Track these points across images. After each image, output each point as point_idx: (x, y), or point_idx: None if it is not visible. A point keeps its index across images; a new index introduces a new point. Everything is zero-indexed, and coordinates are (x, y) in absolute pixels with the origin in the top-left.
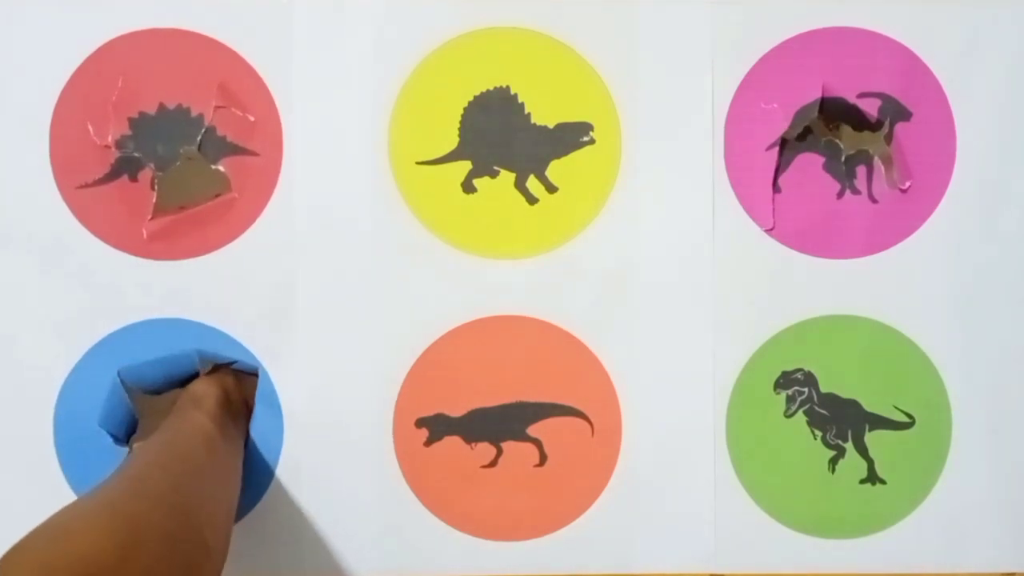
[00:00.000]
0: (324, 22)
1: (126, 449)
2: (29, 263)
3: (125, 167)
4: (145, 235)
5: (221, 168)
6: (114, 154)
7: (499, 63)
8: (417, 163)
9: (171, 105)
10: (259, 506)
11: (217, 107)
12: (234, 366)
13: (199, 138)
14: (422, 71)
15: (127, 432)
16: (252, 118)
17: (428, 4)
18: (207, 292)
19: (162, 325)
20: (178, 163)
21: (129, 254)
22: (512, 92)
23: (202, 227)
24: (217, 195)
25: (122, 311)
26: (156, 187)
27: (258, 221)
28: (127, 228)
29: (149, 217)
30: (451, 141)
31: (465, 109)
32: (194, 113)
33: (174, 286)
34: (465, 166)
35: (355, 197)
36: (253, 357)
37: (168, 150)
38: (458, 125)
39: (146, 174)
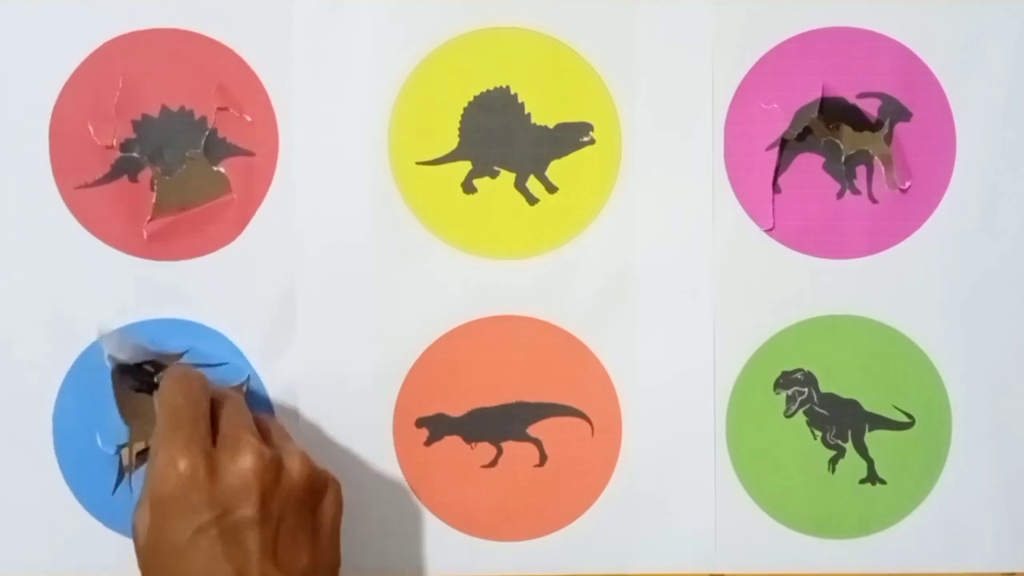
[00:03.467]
0: (324, 22)
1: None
2: (28, 262)
3: (125, 167)
4: (145, 235)
5: (222, 170)
6: (115, 154)
7: (499, 63)
8: (417, 163)
9: (174, 107)
10: None
11: (219, 109)
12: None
13: (203, 141)
14: (422, 71)
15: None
16: (249, 118)
17: (428, 4)
18: (204, 293)
19: (156, 325)
20: (184, 166)
21: (127, 254)
22: (512, 92)
23: (200, 228)
24: (217, 196)
25: (119, 311)
26: (156, 188)
27: (252, 222)
28: (126, 228)
29: (148, 218)
30: (451, 141)
31: (465, 109)
32: (197, 116)
33: (171, 287)
34: (465, 166)
35: (355, 197)
36: (244, 359)
37: (173, 154)
38: (458, 125)
39: (146, 174)
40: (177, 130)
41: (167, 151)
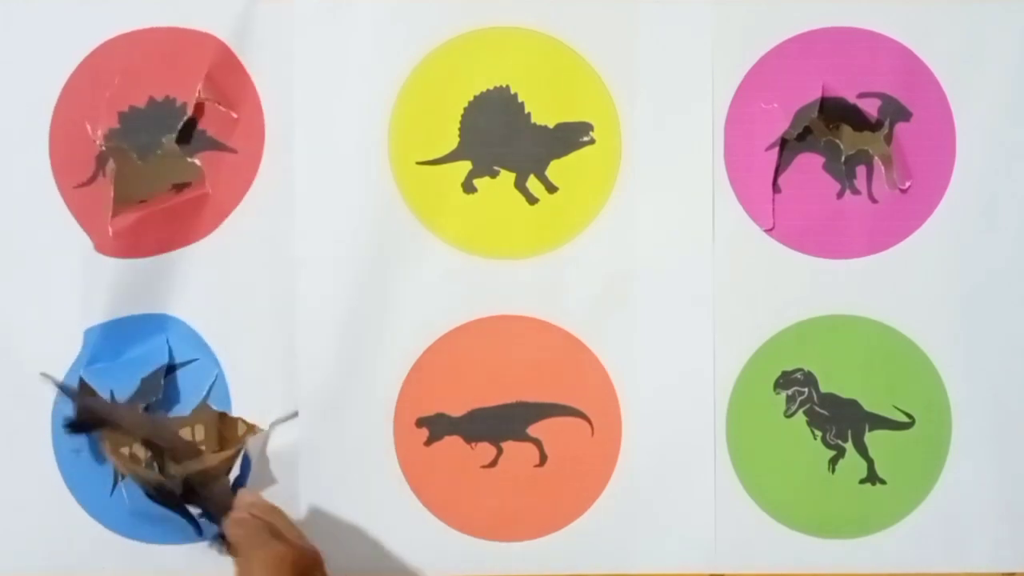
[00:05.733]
0: (324, 22)
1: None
2: (28, 263)
3: (102, 163)
4: (110, 232)
5: (197, 162)
6: (99, 150)
7: (499, 63)
8: (417, 163)
9: (159, 97)
10: None
11: (200, 98)
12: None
13: (179, 126)
14: (422, 71)
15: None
16: (236, 116)
17: (428, 4)
18: (175, 289)
19: (130, 323)
20: (159, 151)
21: (109, 255)
22: (512, 92)
23: (170, 222)
24: (182, 186)
25: (101, 311)
26: (115, 179)
27: (230, 218)
28: (103, 226)
29: (111, 213)
30: (451, 141)
31: (465, 109)
32: (179, 103)
33: (142, 284)
34: (465, 166)
35: (355, 197)
36: (213, 356)
37: (150, 138)
38: (458, 125)
39: (111, 168)
40: (158, 117)
41: (144, 136)
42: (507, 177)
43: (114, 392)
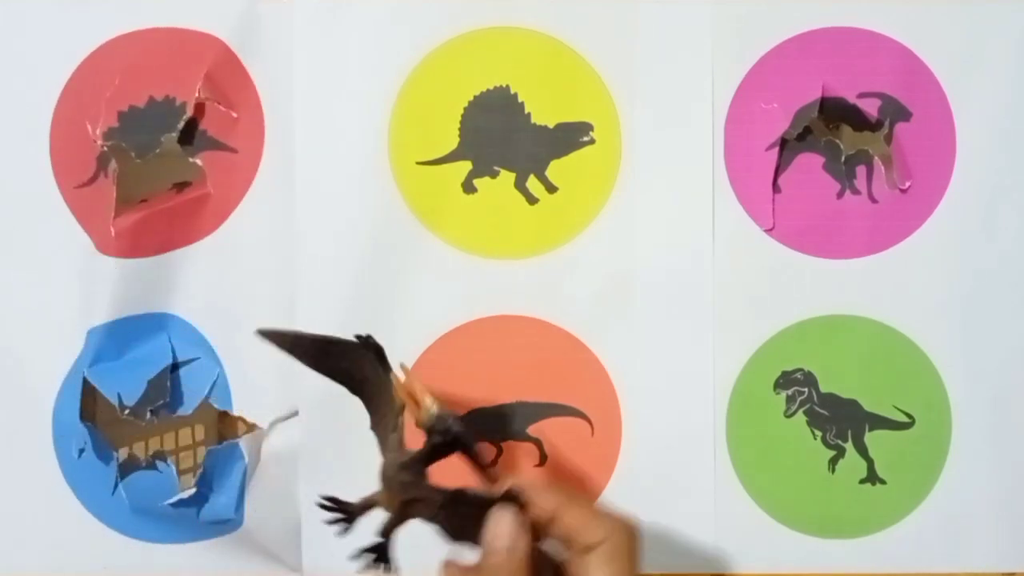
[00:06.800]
0: (324, 22)
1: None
2: (28, 262)
3: (103, 164)
4: (112, 232)
5: (198, 162)
6: (99, 150)
7: (499, 63)
8: (417, 163)
9: (159, 97)
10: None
11: (200, 98)
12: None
13: (179, 125)
14: (422, 71)
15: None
16: (235, 115)
17: (428, 4)
18: (178, 288)
19: (135, 321)
20: (157, 150)
21: (110, 255)
22: (512, 92)
23: (173, 222)
24: (183, 184)
25: (116, 311)
26: (117, 179)
27: (231, 218)
28: (106, 226)
29: (112, 214)
30: (451, 141)
31: (465, 109)
32: (179, 102)
33: (156, 284)
34: (465, 166)
35: (355, 197)
36: (215, 356)
37: (150, 137)
38: (458, 125)
39: (114, 168)
40: (158, 116)
41: (143, 136)
42: (507, 177)
43: (121, 395)
